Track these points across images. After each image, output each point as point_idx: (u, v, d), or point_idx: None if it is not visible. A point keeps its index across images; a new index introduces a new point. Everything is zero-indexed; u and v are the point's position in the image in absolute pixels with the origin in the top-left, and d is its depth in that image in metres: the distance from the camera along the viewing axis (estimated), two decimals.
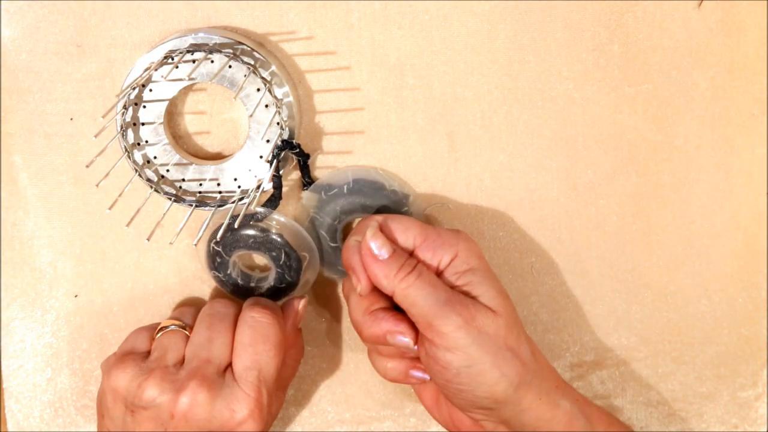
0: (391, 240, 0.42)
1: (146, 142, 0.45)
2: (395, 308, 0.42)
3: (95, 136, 0.41)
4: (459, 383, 0.40)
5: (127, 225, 0.42)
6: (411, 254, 0.42)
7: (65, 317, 0.50)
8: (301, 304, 0.46)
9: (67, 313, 0.50)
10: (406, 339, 0.41)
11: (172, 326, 0.44)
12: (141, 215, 0.43)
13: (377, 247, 0.41)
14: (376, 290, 0.42)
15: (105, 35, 0.45)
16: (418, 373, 0.43)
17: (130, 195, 0.44)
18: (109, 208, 0.42)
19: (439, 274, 0.42)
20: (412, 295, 0.40)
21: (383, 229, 0.42)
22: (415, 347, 0.41)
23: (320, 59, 0.46)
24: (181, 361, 0.42)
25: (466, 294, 0.41)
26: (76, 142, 0.47)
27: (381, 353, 0.44)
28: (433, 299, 0.40)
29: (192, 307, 0.47)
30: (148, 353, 0.44)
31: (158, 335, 0.44)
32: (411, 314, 0.41)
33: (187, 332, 0.44)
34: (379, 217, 0.43)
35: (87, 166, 0.42)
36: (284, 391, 0.47)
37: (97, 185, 0.43)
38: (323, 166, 0.48)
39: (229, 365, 0.42)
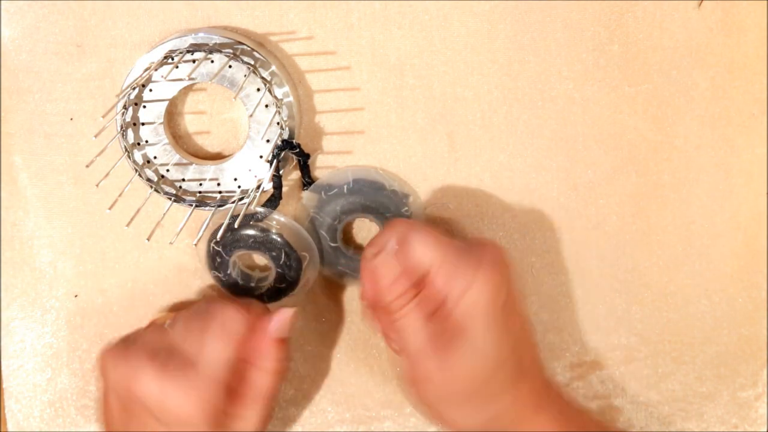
0: (407, 255, 0.41)
1: (146, 142, 0.45)
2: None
3: (95, 136, 0.41)
4: (430, 411, 0.42)
5: (127, 225, 0.42)
6: (423, 276, 0.41)
7: (65, 317, 0.50)
8: (287, 313, 0.44)
9: (67, 313, 0.50)
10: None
11: (166, 325, 0.44)
12: (141, 215, 0.43)
13: (382, 271, 0.41)
14: None
15: (105, 35, 0.45)
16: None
17: (130, 195, 0.44)
18: (109, 208, 0.42)
19: (444, 301, 0.41)
20: (400, 323, 0.41)
21: (403, 242, 0.41)
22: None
23: (320, 59, 0.46)
24: (163, 350, 0.42)
25: (461, 329, 0.40)
26: (76, 142, 0.47)
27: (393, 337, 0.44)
28: (418, 338, 0.40)
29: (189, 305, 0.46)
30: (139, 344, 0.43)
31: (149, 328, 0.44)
32: (398, 335, 0.41)
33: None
34: (403, 228, 0.42)
35: (87, 166, 0.42)
36: (261, 407, 0.44)
37: (97, 185, 0.43)
38: (323, 166, 0.48)
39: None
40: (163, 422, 0.41)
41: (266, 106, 0.44)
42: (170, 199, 0.45)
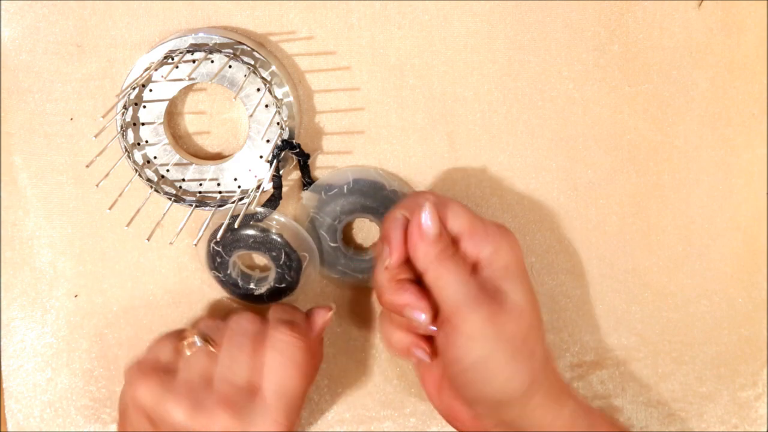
0: (442, 222, 0.41)
1: (146, 142, 0.45)
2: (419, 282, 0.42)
3: (95, 136, 0.41)
4: (473, 374, 0.40)
5: (127, 225, 0.42)
6: (454, 241, 0.42)
7: (65, 317, 0.50)
8: (327, 316, 0.45)
9: (67, 313, 0.50)
10: (423, 317, 0.40)
11: (198, 342, 0.43)
12: (141, 215, 0.43)
13: (428, 224, 0.41)
14: (406, 262, 0.42)
15: (105, 35, 0.45)
16: (420, 353, 0.42)
17: (130, 195, 0.44)
18: (109, 208, 0.42)
19: (477, 265, 0.41)
20: (445, 278, 0.40)
21: (436, 205, 0.41)
22: (431, 327, 0.41)
23: (320, 59, 0.46)
24: (209, 381, 0.42)
25: (498, 289, 0.41)
26: (76, 142, 0.47)
27: (392, 321, 0.43)
28: (465, 289, 0.40)
29: (216, 320, 0.46)
30: (173, 366, 0.43)
31: (185, 350, 0.43)
32: (439, 296, 0.40)
33: (212, 349, 0.43)
34: (431, 197, 0.42)
35: (87, 166, 0.42)
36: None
37: (97, 185, 0.43)
38: (323, 166, 0.48)
39: (257, 387, 0.42)
40: None
41: (266, 106, 0.44)
42: (170, 199, 0.45)
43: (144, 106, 0.45)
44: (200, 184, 0.46)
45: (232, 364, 0.42)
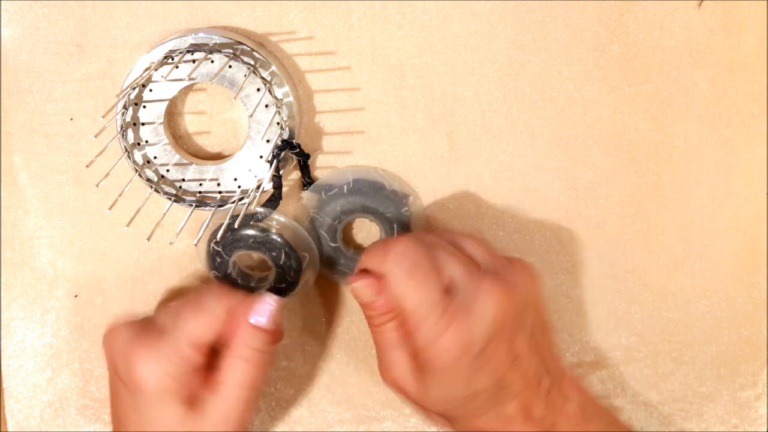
0: (388, 287, 0.40)
1: (146, 142, 0.45)
2: None
3: (95, 136, 0.41)
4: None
5: (127, 225, 0.42)
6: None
7: (65, 317, 0.50)
8: (271, 301, 0.44)
9: (67, 313, 0.50)
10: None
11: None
12: (141, 215, 0.43)
13: (362, 291, 0.41)
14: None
15: (105, 35, 0.45)
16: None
17: (130, 195, 0.44)
18: (109, 208, 0.42)
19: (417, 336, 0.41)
20: (377, 341, 0.42)
21: (388, 274, 0.40)
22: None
23: (320, 59, 0.46)
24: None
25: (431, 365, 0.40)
26: (76, 142, 0.47)
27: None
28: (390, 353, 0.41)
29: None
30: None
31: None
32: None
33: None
34: (393, 258, 0.40)
35: (87, 166, 0.42)
36: (234, 396, 0.43)
37: (97, 185, 0.43)
38: (323, 166, 0.48)
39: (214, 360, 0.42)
40: (131, 391, 0.41)
41: (266, 106, 0.44)
42: (170, 199, 0.45)
43: (144, 106, 0.45)
44: (200, 184, 0.46)
45: (164, 312, 0.43)
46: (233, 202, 0.45)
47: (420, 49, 0.46)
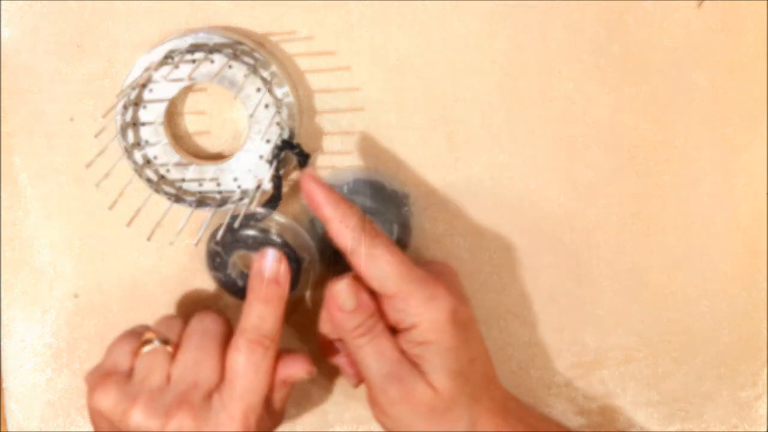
0: (365, 285, 0.41)
1: (146, 142, 0.45)
2: None
3: (95, 136, 0.41)
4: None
5: (128, 225, 0.42)
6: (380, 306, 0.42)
7: (65, 317, 0.50)
8: (299, 373, 0.44)
9: (67, 313, 0.50)
10: (350, 378, 0.46)
11: (156, 342, 0.42)
12: (141, 215, 0.43)
13: (341, 298, 0.41)
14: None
15: (105, 35, 0.45)
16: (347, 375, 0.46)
17: (130, 195, 0.44)
18: (110, 208, 0.42)
19: (396, 333, 0.42)
20: (360, 355, 0.41)
21: (364, 270, 0.41)
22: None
23: (320, 59, 0.46)
24: (166, 382, 0.41)
25: (415, 365, 0.41)
26: (76, 143, 0.47)
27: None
28: (376, 368, 0.41)
29: (177, 319, 0.45)
30: (131, 370, 0.42)
31: (141, 350, 0.42)
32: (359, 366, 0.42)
33: (170, 349, 0.42)
34: (360, 258, 0.41)
35: (87, 167, 0.42)
36: (278, 408, 0.45)
37: (96, 185, 0.43)
38: (323, 166, 0.48)
39: (215, 388, 0.41)
40: None
41: (266, 106, 0.44)
42: (170, 199, 0.45)
43: (144, 106, 0.45)
44: (200, 185, 0.46)
45: (192, 364, 0.41)
46: (233, 203, 0.45)
47: (420, 49, 0.46)
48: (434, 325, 0.40)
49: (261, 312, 0.42)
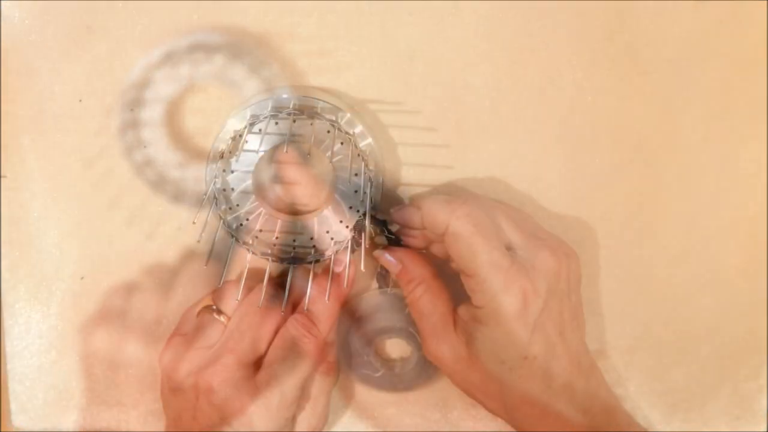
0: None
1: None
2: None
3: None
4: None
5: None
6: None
7: (71, 299, 0.50)
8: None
9: (72, 295, 0.50)
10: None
11: (213, 308, 0.46)
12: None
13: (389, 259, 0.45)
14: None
15: (115, 17, 0.45)
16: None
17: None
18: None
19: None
20: (417, 305, 0.44)
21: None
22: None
23: (321, 60, 0.46)
24: (215, 347, 0.44)
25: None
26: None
27: None
28: (428, 320, 0.44)
29: (236, 286, 0.46)
30: (192, 334, 0.46)
31: (201, 317, 0.46)
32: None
33: (223, 321, 0.45)
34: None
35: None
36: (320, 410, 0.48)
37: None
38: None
39: (258, 359, 0.44)
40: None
41: (356, 174, 0.45)
42: (248, 250, 0.46)
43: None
44: (276, 237, 0.46)
45: (237, 335, 0.44)
46: (309, 262, 0.46)
47: (430, 37, 0.46)
48: (494, 316, 0.41)
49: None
